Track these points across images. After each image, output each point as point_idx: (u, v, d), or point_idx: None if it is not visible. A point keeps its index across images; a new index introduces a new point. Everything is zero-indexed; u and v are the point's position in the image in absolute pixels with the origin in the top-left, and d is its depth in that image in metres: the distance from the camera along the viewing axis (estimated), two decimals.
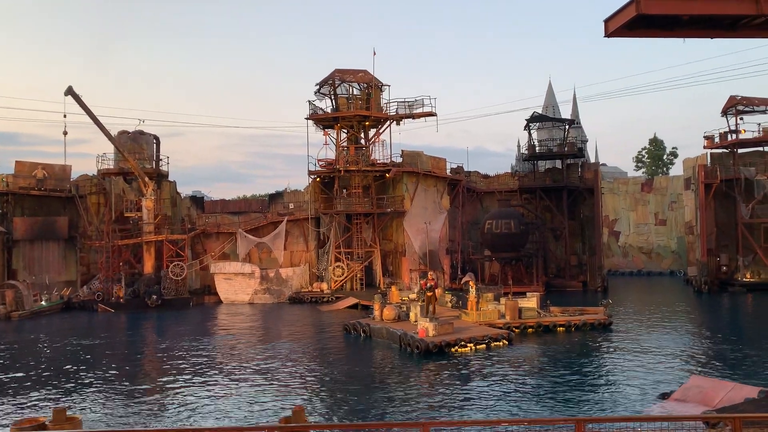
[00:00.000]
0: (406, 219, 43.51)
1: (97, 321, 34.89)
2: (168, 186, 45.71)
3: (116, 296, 39.31)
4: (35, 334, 29.96)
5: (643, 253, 60.10)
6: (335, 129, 44.52)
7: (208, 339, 27.95)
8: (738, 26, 10.08)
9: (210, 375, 20.45)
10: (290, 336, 28.34)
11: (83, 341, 27.73)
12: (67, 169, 43.52)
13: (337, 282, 42.36)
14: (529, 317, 28.00)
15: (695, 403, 14.82)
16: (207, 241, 45.08)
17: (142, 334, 31.34)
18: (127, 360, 23.77)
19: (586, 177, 48.45)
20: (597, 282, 45.99)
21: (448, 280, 45.01)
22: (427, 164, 45.90)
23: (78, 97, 38.58)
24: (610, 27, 10.12)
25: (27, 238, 40.12)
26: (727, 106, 46.03)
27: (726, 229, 46.07)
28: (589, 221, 47.87)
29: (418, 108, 44.02)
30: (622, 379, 18.88)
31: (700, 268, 45.09)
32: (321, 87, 44.53)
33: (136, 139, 45.23)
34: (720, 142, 46.82)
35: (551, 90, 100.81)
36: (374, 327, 26.92)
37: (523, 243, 44.36)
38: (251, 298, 42.21)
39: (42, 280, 40.04)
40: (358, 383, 19.23)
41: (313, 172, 44.33)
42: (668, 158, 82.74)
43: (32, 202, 41.03)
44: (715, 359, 21.75)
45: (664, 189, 59.46)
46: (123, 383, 19.63)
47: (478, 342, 23.76)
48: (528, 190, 49.31)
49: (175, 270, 40.53)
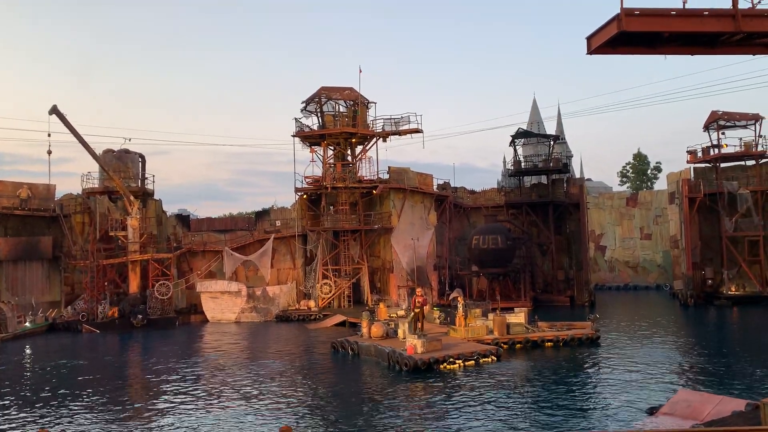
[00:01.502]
0: (394, 235, 43.50)
1: (81, 342, 34.41)
2: (153, 204, 45.43)
3: (110, 316, 38.83)
4: (19, 357, 29.48)
5: (629, 267, 60.42)
6: (322, 146, 44.57)
7: (194, 359, 27.64)
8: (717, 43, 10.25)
9: (196, 396, 20.20)
10: (277, 355, 28.09)
11: (67, 363, 27.30)
12: (52, 189, 43.10)
13: (325, 299, 42.16)
14: (517, 333, 27.99)
15: (683, 417, 14.82)
16: (193, 260, 44.75)
17: (127, 354, 30.94)
18: (112, 381, 23.41)
19: (572, 192, 48.76)
20: (584, 296, 46.11)
21: (436, 296, 44.96)
22: (414, 180, 46.02)
23: (62, 116, 38.37)
24: (593, 44, 10.26)
25: (10, 259, 39.60)
26: (709, 121, 46.63)
27: (710, 243, 46.46)
28: (576, 236, 48.11)
29: (404, 125, 44.21)
30: (610, 394, 18.88)
31: (686, 281, 45.38)
32: (307, 104, 44.63)
33: (122, 158, 44.98)
34: (703, 157, 47.34)
35: (536, 106, 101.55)
36: (362, 345, 26.76)
37: (510, 258, 44.45)
38: (238, 317, 41.85)
39: (26, 301, 39.47)
40: (346, 402, 19.08)
41: (299, 189, 44.27)
42: (652, 173, 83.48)
43: (16, 222, 40.57)
44: (702, 373, 21.82)
45: (648, 203, 59.95)
46: (107, 405, 19.32)
47: (466, 358, 23.68)
48: (514, 206, 49.52)
49: (160, 289, 40.15)
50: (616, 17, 9.46)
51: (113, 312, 38.90)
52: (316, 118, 44.95)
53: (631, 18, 9.41)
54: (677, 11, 9.60)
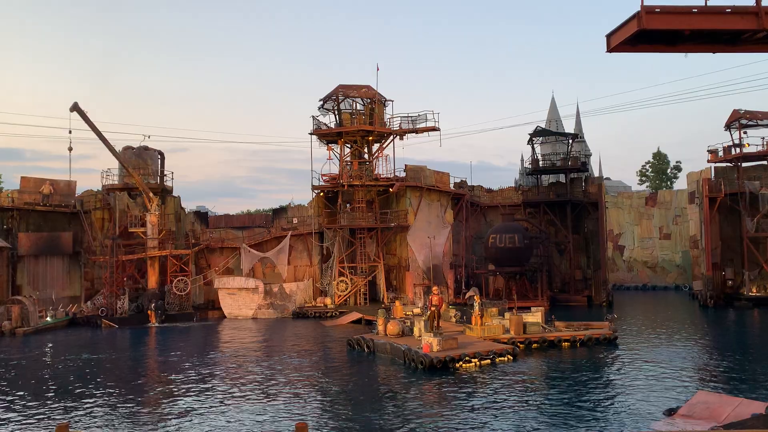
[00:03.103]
0: (410, 233, 43.48)
1: (101, 337, 34.85)
2: (172, 201, 45.83)
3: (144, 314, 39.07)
4: (40, 350, 29.92)
5: (647, 267, 59.86)
6: (339, 144, 44.67)
7: (211, 355, 27.86)
8: (739, 41, 10.11)
9: (212, 391, 20.37)
10: (294, 351, 28.24)
11: (87, 357, 27.67)
12: (72, 185, 43.69)
13: (341, 297, 42.27)
14: (533, 332, 27.85)
15: (702, 419, 14.68)
16: (211, 256, 45.10)
17: (146, 349, 31.27)
18: (130, 376, 23.70)
19: (590, 191, 48.42)
20: (602, 296, 45.78)
21: (452, 295, 44.88)
22: (431, 179, 45.94)
23: (83, 113, 38.82)
24: (612, 42, 10.18)
25: (32, 254, 40.19)
26: (731, 120, 46.03)
27: (731, 243, 45.88)
28: (594, 235, 47.77)
29: (421, 123, 44.16)
30: (628, 395, 18.73)
31: (706, 282, 44.86)
32: (325, 102, 44.73)
33: (141, 155, 45.42)
34: (724, 156, 46.76)
35: (554, 104, 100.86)
36: (378, 342, 26.81)
37: (527, 257, 44.24)
38: (255, 313, 42.13)
39: (46, 296, 40.06)
40: (361, 399, 19.13)
41: (316, 186, 44.42)
42: (672, 172, 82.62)
43: (37, 217, 41.15)
44: (721, 374, 21.57)
45: (668, 203, 59.34)
46: (125, 399, 19.56)
47: (482, 357, 23.63)
48: (532, 205, 49.28)
49: (178, 285, 40.52)
50: (636, 15, 9.38)
51: (151, 316, 38.93)
52: (334, 116, 45.06)
53: (651, 16, 9.32)
54: (699, 8, 9.49)
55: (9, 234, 39.45)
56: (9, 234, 39.45)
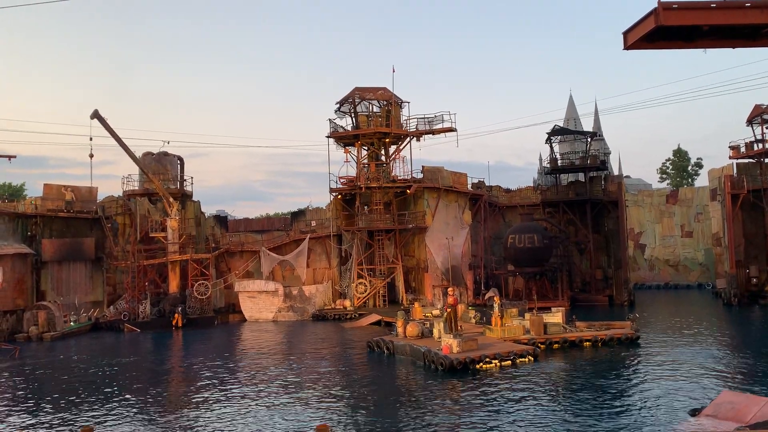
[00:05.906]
0: (428, 235, 43.42)
1: (124, 341, 35.26)
2: (192, 206, 46.24)
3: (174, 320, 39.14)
4: (66, 355, 30.36)
5: (669, 265, 59.17)
6: (356, 146, 44.76)
7: (232, 357, 28.06)
8: (759, 35, 9.97)
9: (234, 393, 20.51)
10: (314, 353, 28.34)
11: (111, 361, 28.01)
12: (94, 191, 44.25)
13: (360, 299, 42.33)
14: (554, 332, 27.66)
15: (727, 419, 14.47)
16: (231, 260, 45.43)
17: (168, 353, 31.58)
18: (153, 379, 23.95)
19: (610, 190, 48.00)
20: (623, 296, 45.34)
21: (471, 296, 44.73)
22: (448, 179, 45.85)
23: (103, 120, 39.32)
24: (630, 39, 10.08)
25: (55, 260, 40.76)
26: (753, 115, 45.37)
27: (755, 240, 45.19)
28: (614, 234, 47.33)
29: (437, 124, 44.11)
30: (651, 395, 18.52)
31: (729, 280, 44.21)
32: (341, 105, 44.88)
33: (161, 160, 45.89)
34: (746, 152, 46.09)
35: (572, 103, 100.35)
36: (398, 344, 26.80)
37: (547, 257, 43.95)
38: (275, 316, 42.34)
39: (70, 301, 40.60)
40: (382, 401, 19.14)
41: (334, 189, 44.55)
42: (693, 169, 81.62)
43: (60, 223, 41.73)
44: (747, 374, 21.25)
45: (689, 200, 58.63)
46: (149, 401, 19.76)
47: (503, 358, 23.52)
48: (551, 204, 48.97)
49: (199, 289, 40.86)
50: (653, 11, 9.29)
51: (177, 319, 39.17)
52: (350, 119, 45.18)
53: (668, 12, 9.22)
54: (717, 4, 9.38)
55: (33, 240, 40.06)
56: (33, 240, 40.06)
